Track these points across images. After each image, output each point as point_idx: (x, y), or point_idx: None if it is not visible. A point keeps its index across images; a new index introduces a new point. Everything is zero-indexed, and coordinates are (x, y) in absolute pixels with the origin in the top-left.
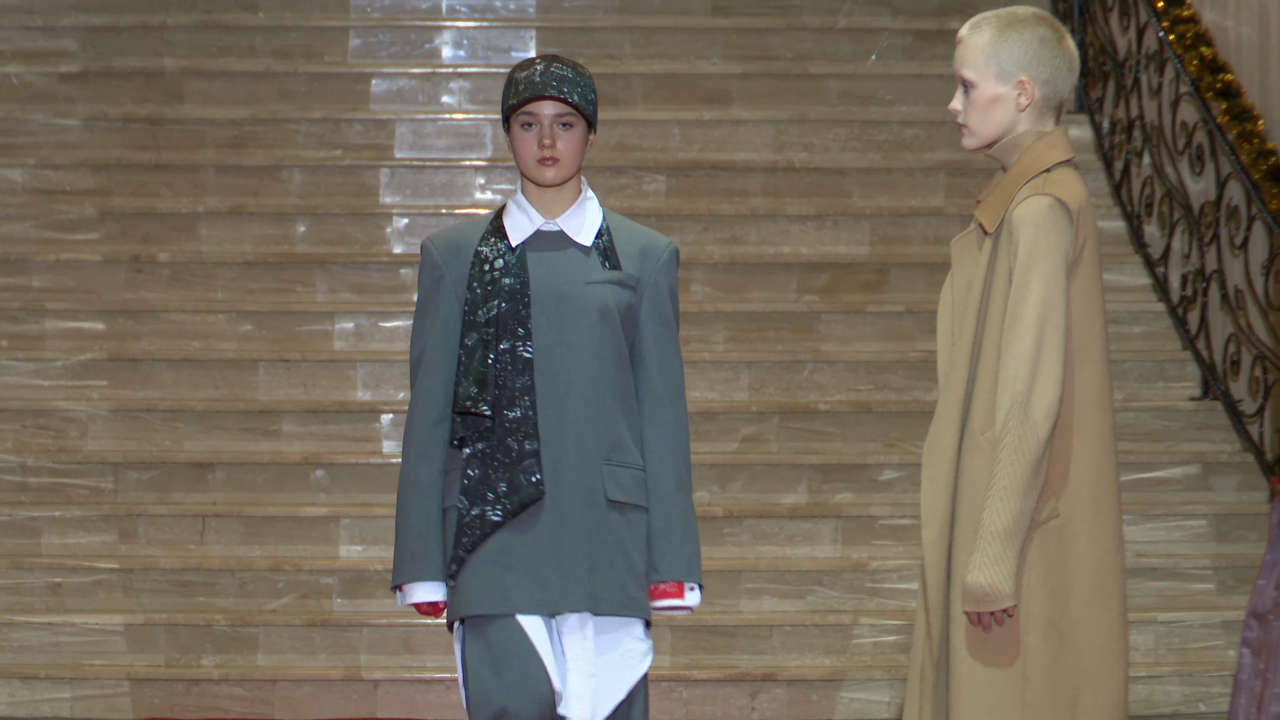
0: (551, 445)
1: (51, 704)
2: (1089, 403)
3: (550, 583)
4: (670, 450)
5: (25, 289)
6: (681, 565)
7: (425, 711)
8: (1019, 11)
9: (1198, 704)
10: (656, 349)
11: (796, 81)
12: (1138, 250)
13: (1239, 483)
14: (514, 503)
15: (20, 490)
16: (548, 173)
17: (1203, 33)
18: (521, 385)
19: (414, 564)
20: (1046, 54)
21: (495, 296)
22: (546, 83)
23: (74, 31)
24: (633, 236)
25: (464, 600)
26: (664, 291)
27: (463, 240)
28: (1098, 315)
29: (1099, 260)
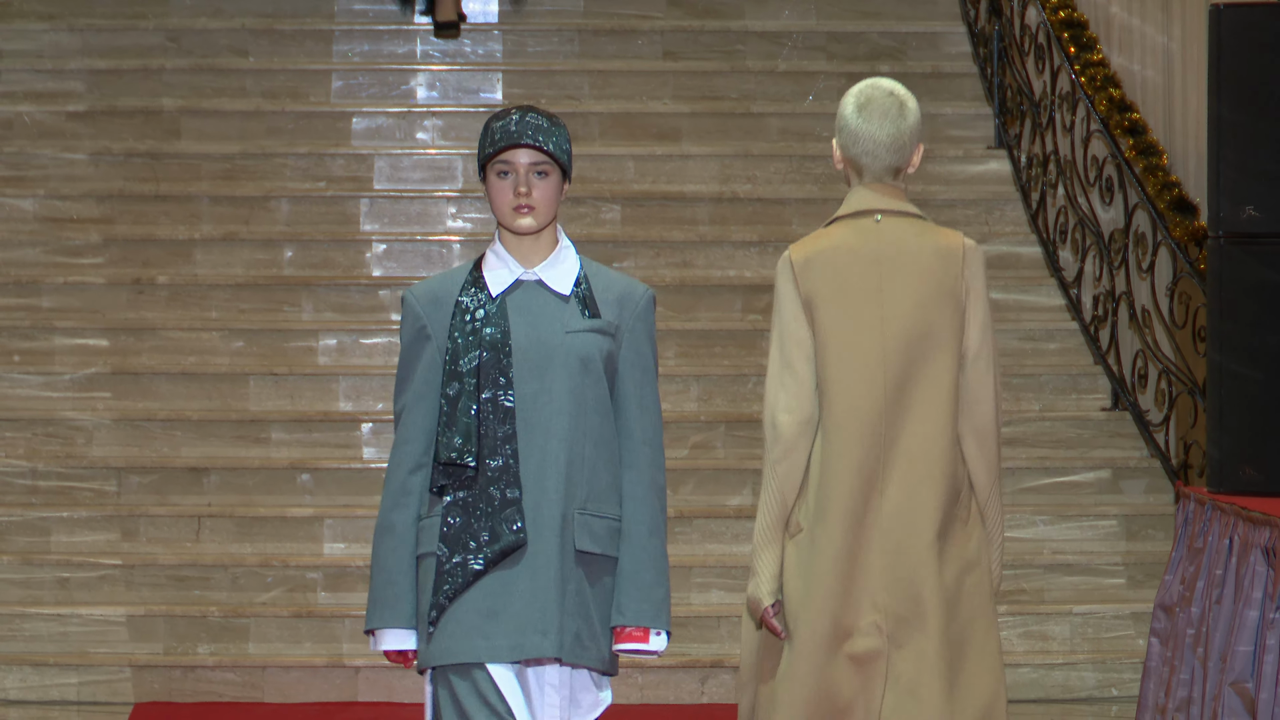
0: (532, 493)
1: (59, 688)
2: (838, 430)
3: (527, 630)
4: (644, 495)
5: (35, 309)
6: (648, 610)
7: (402, 695)
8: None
9: (1110, 689)
10: (635, 395)
11: (740, 120)
12: (1053, 274)
13: (1147, 486)
14: (495, 551)
15: (31, 493)
16: (523, 221)
17: (1111, 75)
18: (504, 434)
19: (385, 611)
20: (841, 124)
21: (477, 346)
22: (522, 131)
23: (80, 74)
24: (610, 284)
25: (437, 650)
26: (642, 337)
27: (443, 291)
28: (844, 356)
29: (848, 306)
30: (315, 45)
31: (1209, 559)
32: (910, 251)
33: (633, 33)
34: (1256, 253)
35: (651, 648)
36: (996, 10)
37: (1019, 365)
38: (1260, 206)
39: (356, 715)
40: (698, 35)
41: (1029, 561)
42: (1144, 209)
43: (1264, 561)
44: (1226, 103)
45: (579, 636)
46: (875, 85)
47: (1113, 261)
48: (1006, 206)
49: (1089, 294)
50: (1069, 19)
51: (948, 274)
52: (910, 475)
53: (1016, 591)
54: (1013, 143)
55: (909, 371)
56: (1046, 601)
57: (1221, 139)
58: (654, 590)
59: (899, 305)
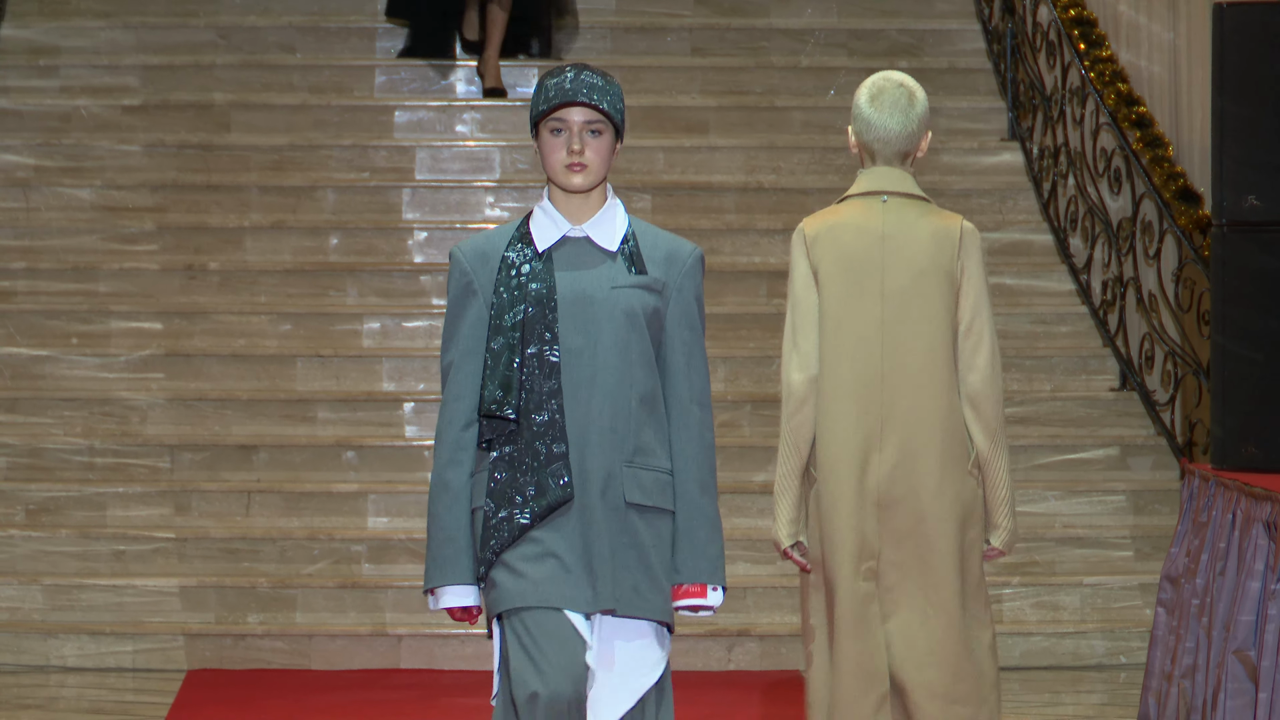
0: (578, 448)
1: (115, 656)
2: (840, 390)
3: (580, 583)
4: (695, 454)
5: (93, 294)
6: (705, 567)
7: (443, 663)
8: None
9: (1119, 656)
10: (683, 353)
11: (765, 113)
12: (1064, 260)
13: (1153, 463)
14: (542, 506)
15: (88, 469)
16: (575, 179)
17: (1119, 70)
18: (549, 389)
19: (444, 568)
20: (856, 113)
21: (521, 301)
22: (577, 89)
23: (135, 70)
24: (658, 242)
25: (503, 596)
26: (689, 296)
27: (490, 247)
28: (847, 323)
29: (853, 276)
30: (359, 42)
31: (1213, 533)
32: (912, 231)
33: (662, 30)
34: (1258, 240)
35: (709, 603)
36: (1010, 8)
37: (1031, 348)
38: (1261, 196)
39: (399, 682)
40: (724, 32)
41: (1041, 535)
42: (1150, 198)
43: (1265, 535)
44: (1229, 97)
45: (636, 589)
46: (887, 77)
47: (1121, 249)
48: (1019, 196)
49: (1098, 279)
50: (1079, 17)
51: (945, 253)
52: (907, 436)
53: (1029, 564)
54: (1025, 135)
55: (906, 340)
56: (1058, 573)
57: (1225, 131)
58: (709, 547)
59: (899, 279)
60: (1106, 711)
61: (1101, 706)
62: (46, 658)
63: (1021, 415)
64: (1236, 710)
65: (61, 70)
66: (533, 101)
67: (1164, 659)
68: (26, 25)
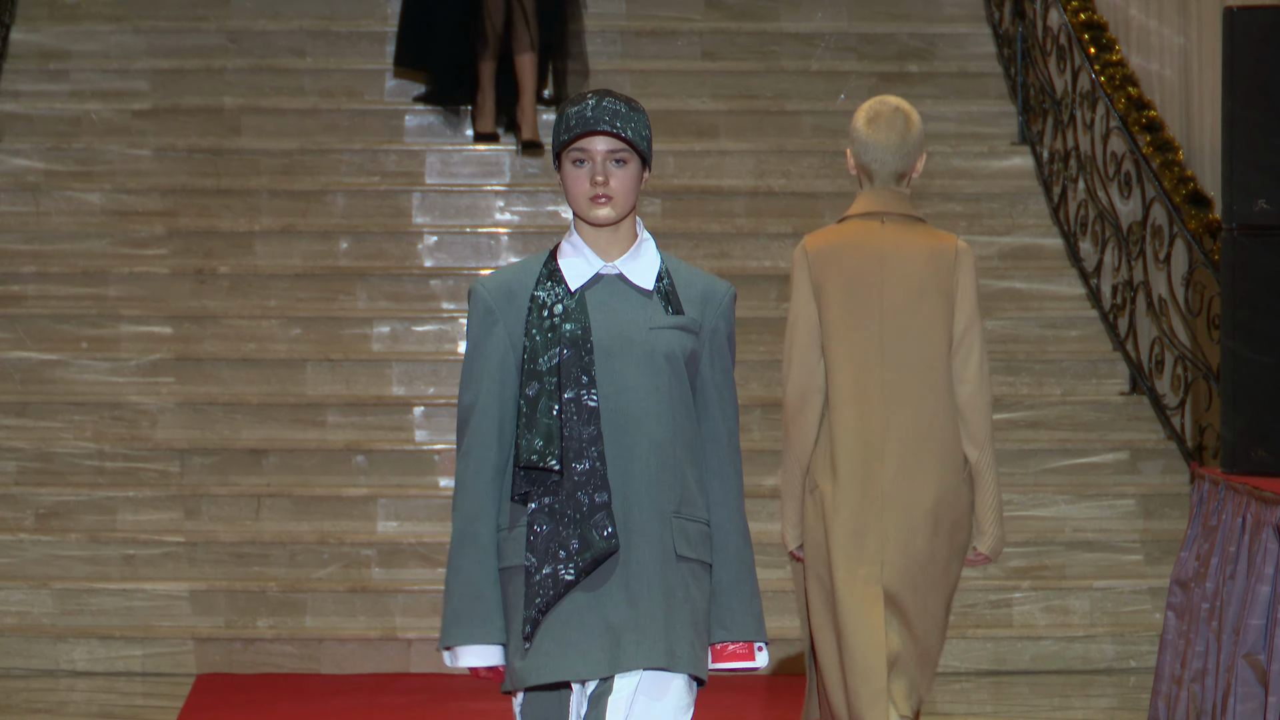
0: (621, 497)
1: (125, 660)
2: (842, 400)
3: (624, 640)
4: (735, 502)
5: (103, 298)
6: (753, 625)
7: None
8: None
9: (1129, 660)
10: (717, 395)
11: (775, 117)
12: (1074, 264)
13: (1163, 467)
14: (586, 560)
15: (98, 474)
16: (600, 211)
17: (1130, 74)
18: (588, 435)
19: (470, 627)
20: (854, 135)
21: (557, 344)
22: (599, 117)
23: (145, 74)
24: (693, 280)
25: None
26: (723, 337)
27: (516, 284)
28: (847, 336)
29: (853, 292)
30: (369, 46)
31: (1223, 536)
32: (909, 250)
33: (673, 34)
34: (1268, 244)
35: (757, 664)
36: (1020, 12)
37: (1041, 352)
38: (1272, 200)
39: (409, 686)
40: (734, 37)
41: (1051, 539)
42: (1161, 202)
43: (1275, 539)
44: (1239, 101)
45: (692, 645)
46: (883, 101)
47: (1131, 252)
48: (1029, 200)
49: (1108, 283)
50: (1089, 21)
51: (940, 271)
52: (908, 445)
53: (1039, 568)
54: (1035, 139)
55: (904, 353)
56: (1068, 577)
57: (1235, 135)
58: (754, 602)
59: (897, 295)
60: (1116, 715)
61: (1111, 711)
62: (56, 662)
63: (1031, 419)
64: (1246, 714)
65: (71, 74)
66: (554, 132)
67: (1174, 663)
68: (37, 29)
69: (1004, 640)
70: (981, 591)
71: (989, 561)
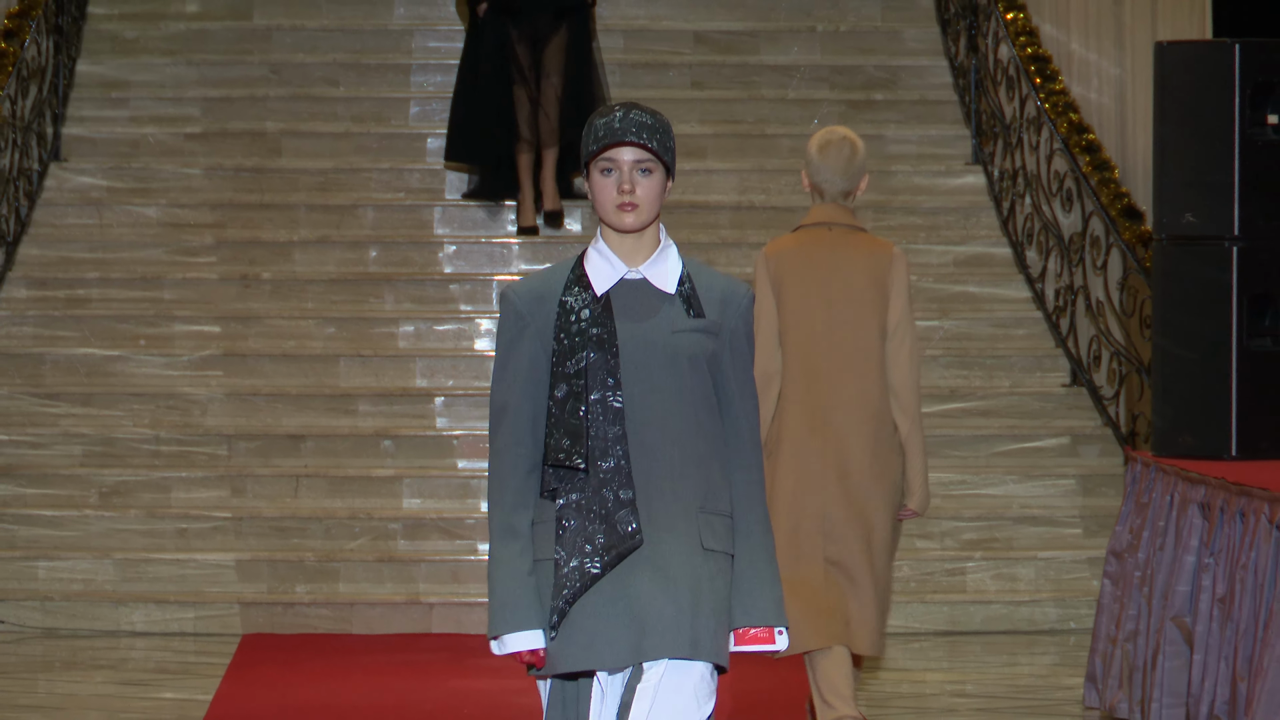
0: (646, 493)
1: (179, 622)
2: (793, 378)
3: (650, 629)
4: (756, 495)
5: (159, 301)
6: (773, 609)
7: (470, 628)
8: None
9: (1069, 622)
10: (739, 393)
11: (756, 140)
12: (1021, 271)
13: (1100, 451)
14: (612, 555)
15: (154, 456)
16: (627, 219)
17: (1071, 102)
18: (614, 435)
19: (514, 614)
20: (808, 159)
21: (584, 347)
22: (626, 129)
23: (197, 101)
24: (713, 284)
25: (557, 655)
26: (742, 337)
27: (545, 290)
28: (799, 325)
29: (804, 289)
30: (396, 77)
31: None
32: (852, 254)
33: (665, 66)
34: (1194, 252)
35: (777, 647)
36: (974, 47)
37: (992, 348)
38: (1197, 213)
39: (431, 645)
40: (720, 69)
41: (1000, 515)
42: (1098, 216)
43: (1200, 515)
44: (1170, 125)
45: (715, 634)
46: (833, 131)
47: (1071, 260)
48: (982, 214)
49: (1051, 288)
50: (1035, 54)
51: (878, 272)
52: (845, 416)
53: (989, 540)
54: (987, 159)
55: (846, 340)
56: (1015, 549)
57: (1165, 156)
58: (774, 588)
59: (841, 292)
60: (1058, 671)
61: (1053, 667)
62: (117, 624)
63: (983, 409)
64: (1173, 670)
65: (131, 102)
66: (583, 142)
67: (1109, 625)
68: (100, 62)
69: (958, 605)
70: (939, 561)
71: (917, 516)
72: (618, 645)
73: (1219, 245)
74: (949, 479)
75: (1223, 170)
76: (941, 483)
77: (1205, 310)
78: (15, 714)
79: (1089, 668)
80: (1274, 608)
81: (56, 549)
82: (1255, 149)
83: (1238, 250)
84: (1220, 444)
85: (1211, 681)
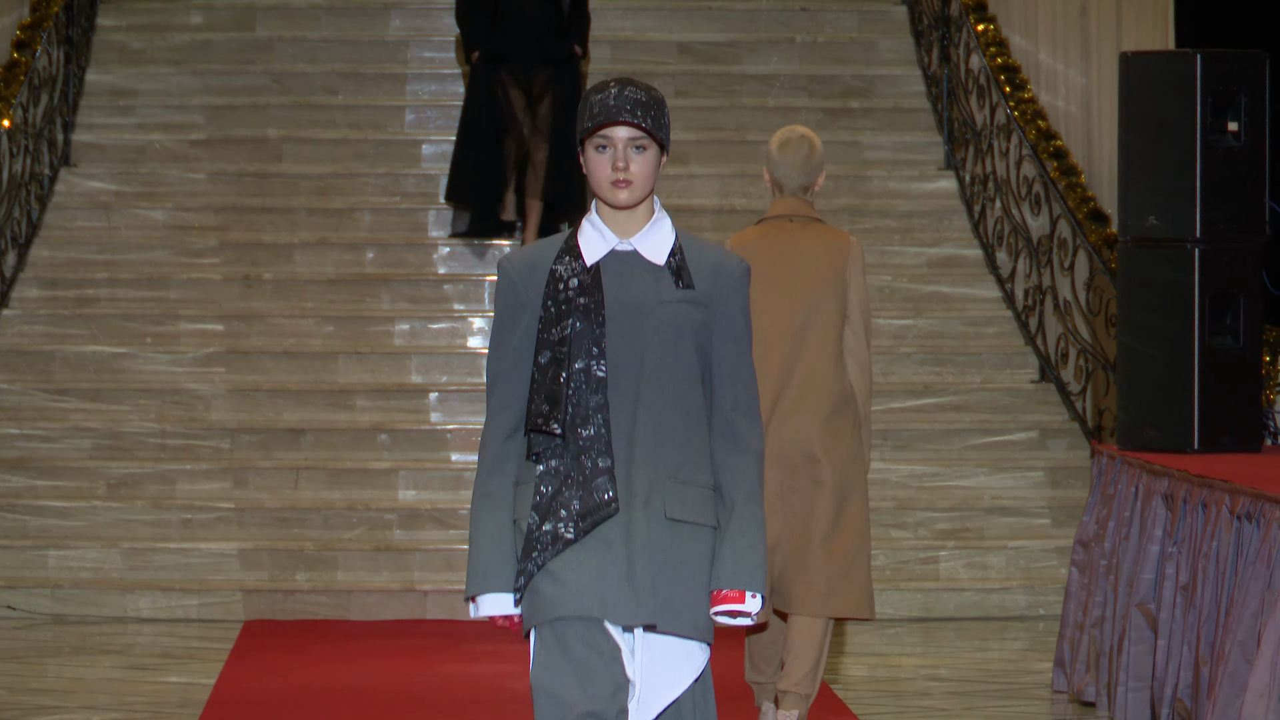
0: (624, 462)
1: (183, 608)
2: (758, 357)
3: (622, 597)
4: (738, 464)
5: (164, 300)
6: (743, 574)
7: (463, 614)
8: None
9: (1038, 609)
10: (730, 365)
11: (738, 146)
12: (991, 271)
13: (1068, 444)
14: (587, 522)
15: (160, 450)
16: (621, 195)
17: (1040, 110)
18: (595, 404)
19: (488, 575)
20: (769, 156)
21: (570, 315)
22: (620, 107)
23: (201, 109)
24: (704, 255)
25: (544, 604)
26: (736, 309)
27: (538, 259)
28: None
29: (768, 276)
30: (392, 86)
31: (1119, 503)
32: (811, 244)
33: (650, 75)
34: (1158, 254)
35: (747, 609)
36: (946, 57)
37: (964, 346)
38: (1160, 217)
39: (425, 630)
40: (703, 78)
41: (971, 506)
42: (1066, 219)
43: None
44: (1133, 132)
45: (669, 603)
46: (793, 129)
47: (1040, 261)
48: (954, 217)
49: (1020, 288)
50: (1005, 64)
51: (836, 261)
52: (803, 387)
53: (962, 530)
54: (959, 165)
55: (807, 322)
56: (986, 538)
57: (1130, 161)
58: (749, 554)
59: (802, 279)
60: (1027, 656)
61: (1023, 652)
62: (124, 610)
63: (956, 404)
64: (1138, 655)
65: (138, 109)
66: (578, 119)
67: (1077, 611)
68: (108, 71)
69: (932, 592)
70: (913, 550)
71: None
72: (586, 597)
73: (1181, 247)
74: (922, 471)
75: (1185, 175)
76: (915, 475)
77: (1168, 309)
78: (27, 697)
79: (1057, 653)
80: (1235, 595)
81: (66, 539)
82: (1216, 155)
83: (1199, 252)
84: (1183, 438)
85: (1175, 666)
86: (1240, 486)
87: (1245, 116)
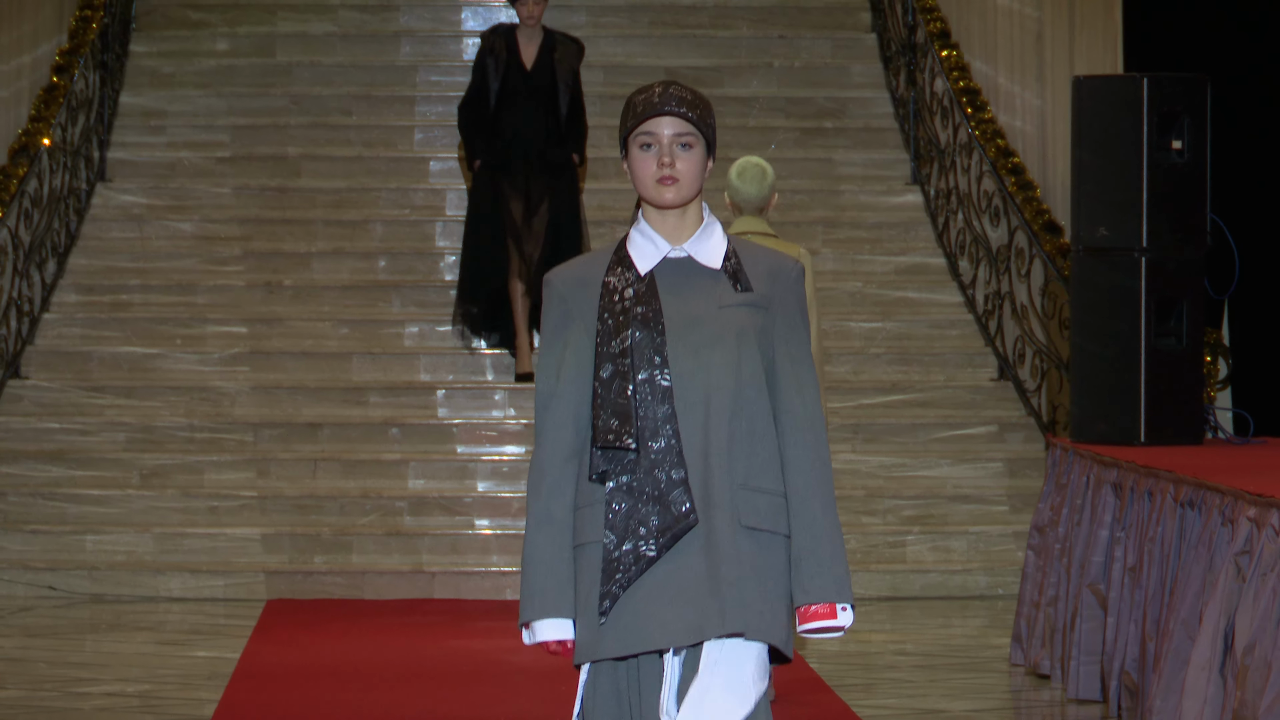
0: (698, 472)
1: (210, 589)
2: None
3: (706, 609)
4: (810, 470)
5: (192, 305)
6: (832, 586)
7: (468, 594)
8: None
9: (997, 589)
10: (792, 369)
11: (720, 163)
12: (954, 278)
13: (1024, 437)
14: (667, 536)
15: (189, 442)
16: (667, 193)
17: (999, 129)
18: (663, 414)
19: (544, 600)
20: (729, 183)
21: (628, 326)
22: (665, 101)
23: (226, 129)
24: (759, 258)
25: (610, 639)
26: (794, 310)
27: (588, 273)
28: None
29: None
30: (402, 107)
31: (1071, 492)
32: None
33: None
34: (1107, 262)
35: (840, 623)
36: (912, 81)
37: (929, 347)
38: (1110, 227)
39: (433, 609)
40: None
41: (936, 493)
42: (1023, 230)
43: (1112, 494)
44: (1085, 149)
45: (761, 613)
46: (749, 160)
47: (999, 269)
48: (920, 228)
49: (981, 293)
50: (967, 87)
51: None
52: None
53: (927, 516)
54: (924, 180)
55: None
56: (949, 524)
57: (1081, 177)
58: (835, 565)
59: None
60: (987, 633)
61: (983, 629)
62: (156, 591)
63: (921, 400)
64: (1089, 631)
65: (168, 129)
66: (621, 120)
67: (1033, 591)
68: (140, 94)
69: (899, 573)
70: (881, 535)
71: None
72: (670, 626)
73: (1129, 256)
74: (890, 462)
75: (1133, 190)
76: (884, 465)
77: (1117, 313)
78: (66, 670)
79: (1015, 629)
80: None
81: (102, 524)
82: (1161, 171)
83: (1146, 260)
84: (1131, 431)
85: (1123, 641)
86: (1183, 476)
87: (1188, 135)
